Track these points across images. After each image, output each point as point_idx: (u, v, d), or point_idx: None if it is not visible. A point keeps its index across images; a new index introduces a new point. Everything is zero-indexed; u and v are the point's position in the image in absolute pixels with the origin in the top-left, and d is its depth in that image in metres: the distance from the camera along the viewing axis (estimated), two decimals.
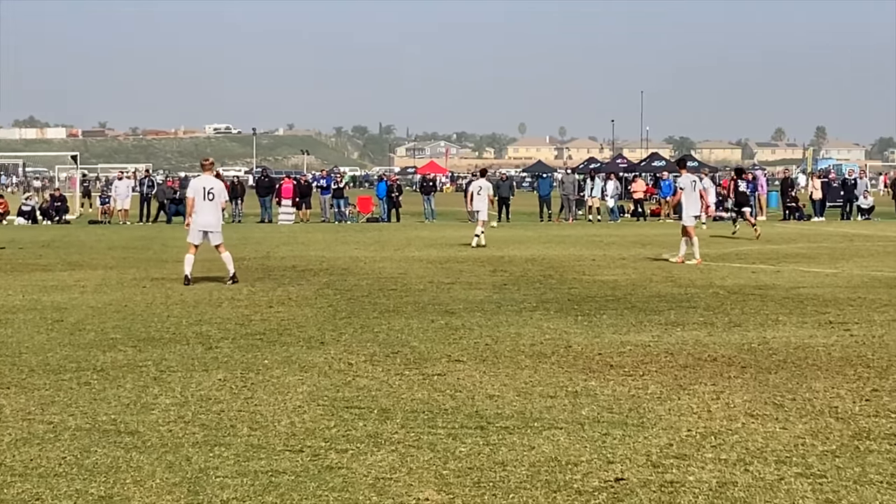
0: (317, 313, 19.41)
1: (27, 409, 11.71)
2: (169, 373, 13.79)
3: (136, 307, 20.33)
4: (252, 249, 36.53)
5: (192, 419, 11.18)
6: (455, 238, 42.17)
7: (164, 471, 9.26)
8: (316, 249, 36.42)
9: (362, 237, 44.21)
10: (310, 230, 51.31)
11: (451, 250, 35.42)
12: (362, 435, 10.49)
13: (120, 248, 37.24)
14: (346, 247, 37.68)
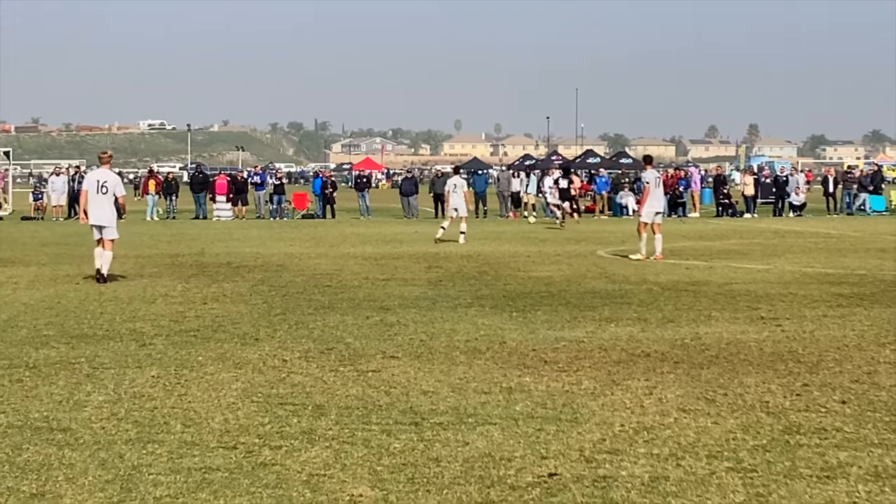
0: (251, 310, 19.38)
1: None
2: (102, 370, 13.73)
3: (69, 304, 20.22)
4: (186, 246, 36.47)
5: (125, 416, 11.14)
6: (390, 234, 42.21)
7: (97, 468, 9.22)
8: (251, 246, 36.33)
9: (297, 234, 44.12)
10: (245, 227, 51.18)
11: (386, 247, 35.40)
12: (296, 431, 10.49)
13: (53, 245, 37.05)
14: (281, 243, 37.62)
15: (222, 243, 37.68)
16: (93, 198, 24.10)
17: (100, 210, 24.20)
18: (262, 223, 55.29)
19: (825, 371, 13.49)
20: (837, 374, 13.29)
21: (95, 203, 24.10)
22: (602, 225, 50.88)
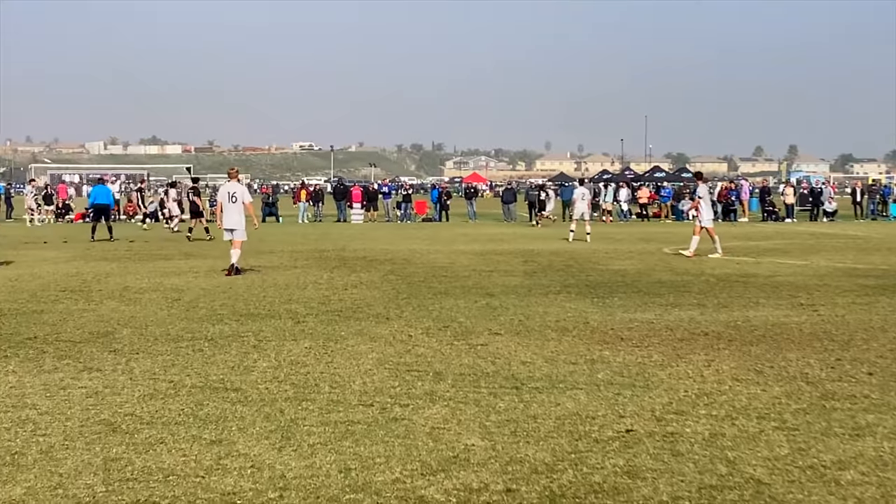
0: (383, 295, 19.44)
1: (153, 370, 11.80)
2: (265, 342, 13.84)
3: (238, 289, 20.41)
4: (330, 243, 36.64)
5: (284, 379, 11.23)
6: (493, 235, 42.14)
7: (263, 420, 9.31)
8: (381, 243, 36.44)
9: (418, 233, 44.20)
10: (376, 228, 51.35)
11: (489, 244, 35.34)
12: (420, 393, 10.51)
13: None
14: (405, 241, 37.68)
15: (358, 241, 37.84)
16: (226, 206, 24.21)
17: (231, 216, 24.22)
18: (390, 225, 55.41)
19: (855, 348, 13.27)
20: (865, 351, 13.07)
21: (228, 211, 24.20)
22: (667, 228, 50.38)
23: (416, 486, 7.32)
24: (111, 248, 34.03)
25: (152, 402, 10.07)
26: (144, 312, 16.88)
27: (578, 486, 7.32)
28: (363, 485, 7.33)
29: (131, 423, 9.20)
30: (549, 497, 7.07)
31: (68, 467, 7.80)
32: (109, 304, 18.01)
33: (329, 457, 8.06)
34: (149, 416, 9.47)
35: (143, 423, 9.23)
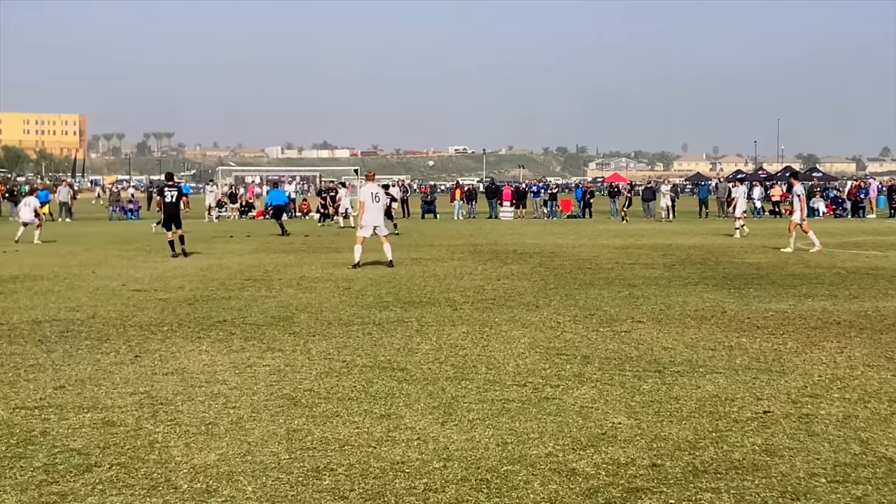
0: (532, 285, 19.41)
1: (327, 351, 11.97)
2: (427, 326, 13.94)
3: (401, 279, 20.59)
4: (483, 238, 36.72)
5: (444, 360, 11.30)
6: (633, 230, 41.73)
7: (427, 397, 9.37)
8: (530, 238, 36.39)
9: (564, 229, 44.02)
10: (525, 224, 51.28)
11: (630, 239, 35.01)
12: (569, 375, 10.47)
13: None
14: (552, 236, 37.56)
15: (509, 236, 37.84)
16: (368, 206, 24.22)
17: (373, 215, 24.07)
18: (537, 221, 55.27)
19: None
20: None
21: (370, 210, 24.19)
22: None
23: (568, 459, 7.30)
24: (288, 242, 34.65)
25: (328, 380, 10.23)
26: (319, 299, 17.15)
27: (719, 462, 7.21)
28: (519, 457, 7.33)
29: (310, 398, 9.35)
30: (692, 472, 6.98)
31: (256, 436, 7.97)
32: (288, 292, 18.34)
33: (487, 431, 8.08)
34: (325, 392, 9.62)
35: (320, 398, 9.39)
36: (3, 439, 7.92)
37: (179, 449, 7.62)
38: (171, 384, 10.07)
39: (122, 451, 7.55)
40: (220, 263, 25.00)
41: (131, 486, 6.72)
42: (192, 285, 19.60)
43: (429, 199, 62.87)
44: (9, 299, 17.35)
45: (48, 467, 7.15)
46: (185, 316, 15.14)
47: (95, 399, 9.39)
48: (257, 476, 6.91)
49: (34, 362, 11.33)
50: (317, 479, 6.84)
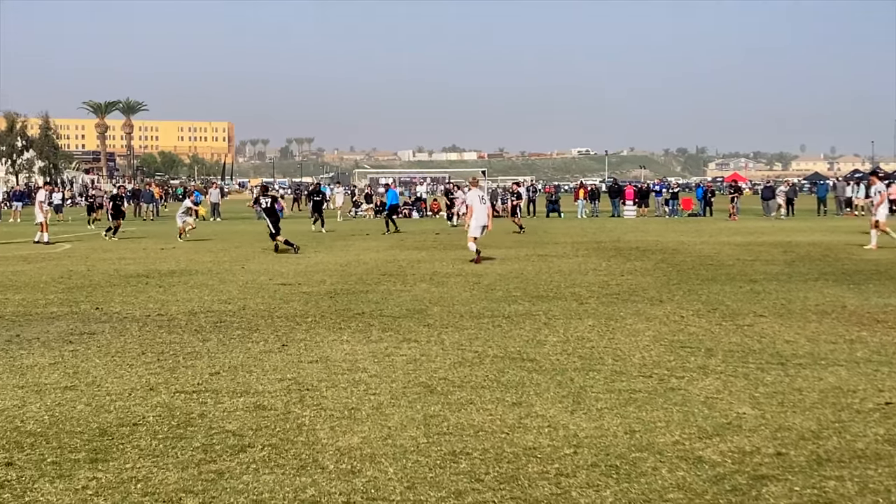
0: (655, 280, 19.19)
1: (460, 342, 12.01)
2: (554, 320, 13.88)
3: (528, 274, 20.56)
4: (606, 235, 36.45)
5: (572, 352, 11.24)
6: (753, 228, 40.92)
7: (556, 387, 9.34)
8: (652, 235, 35.98)
9: (685, 227, 43.39)
10: (646, 222, 50.69)
11: (751, 236, 34.34)
12: (694, 366, 10.33)
13: (515, 236, 37.66)
14: (673, 234, 37.07)
15: (631, 234, 37.46)
16: (477, 208, 24.48)
17: (482, 216, 24.38)
18: (659, 220, 54.56)
19: None
20: None
21: (479, 211, 24.43)
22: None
23: (695, 447, 7.20)
24: (420, 239, 34.85)
25: (461, 369, 10.26)
26: (451, 293, 17.21)
27: (843, 451, 7.03)
28: (647, 445, 7.26)
29: (445, 386, 9.40)
30: (816, 461, 6.82)
31: (395, 421, 8.04)
32: (421, 286, 18.45)
33: (615, 420, 8.02)
34: (459, 381, 9.65)
35: (454, 386, 9.42)
36: (165, 421, 8.13)
37: (325, 432, 7.72)
38: (316, 371, 10.21)
39: (273, 433, 7.69)
40: (358, 259, 25.28)
41: (282, 465, 6.84)
42: (333, 280, 19.85)
43: (553, 199, 62.67)
44: (167, 292, 17.81)
45: (206, 447, 7.32)
46: (327, 308, 15.34)
47: (247, 384, 9.58)
48: (398, 458, 6.96)
49: (191, 350, 11.61)
50: (454, 462, 6.87)
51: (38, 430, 7.84)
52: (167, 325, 13.75)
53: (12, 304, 16.35)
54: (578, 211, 60.39)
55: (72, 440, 7.53)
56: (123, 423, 8.04)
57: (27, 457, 7.09)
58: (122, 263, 24.50)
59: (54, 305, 16.04)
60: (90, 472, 6.69)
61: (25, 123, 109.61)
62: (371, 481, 6.45)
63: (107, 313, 15.04)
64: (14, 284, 19.55)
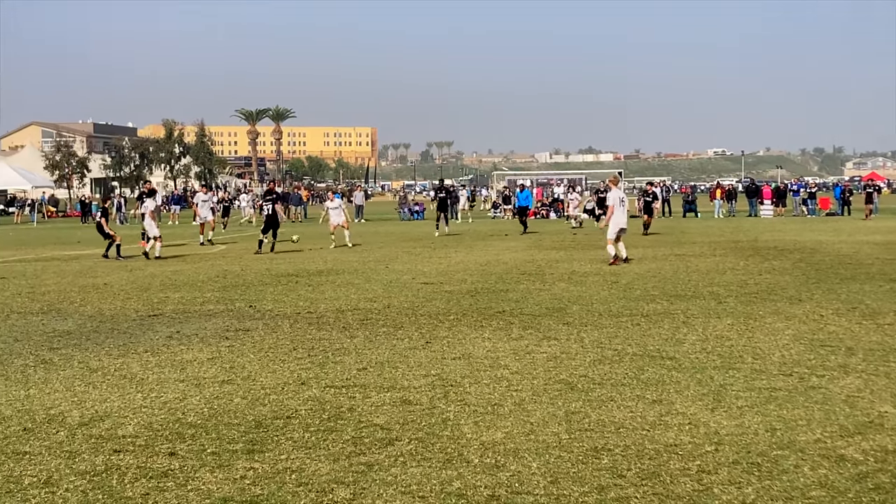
0: (794, 279, 18.74)
1: (599, 340, 11.94)
2: (692, 318, 13.68)
3: (665, 274, 20.30)
4: (743, 234, 35.73)
5: (711, 350, 11.06)
6: (892, 227, 39.55)
7: (695, 385, 9.21)
8: (789, 235, 35.10)
9: (823, 226, 42.21)
10: (783, 222, 49.46)
11: (890, 235, 33.18)
12: (834, 365, 10.06)
13: (653, 236, 37.19)
14: (812, 233, 36.10)
15: (769, 233, 36.62)
16: (617, 208, 23.65)
17: (621, 217, 23.37)
18: (797, 219, 53.18)
19: None
20: None
21: (618, 213, 23.46)
22: None
23: (836, 445, 7.02)
24: (559, 239, 34.70)
25: (601, 367, 10.20)
26: (589, 292, 17.11)
27: None
28: (788, 443, 7.10)
29: (585, 383, 9.35)
30: None
31: (537, 417, 8.04)
32: (560, 285, 18.39)
33: (756, 418, 7.87)
34: (599, 378, 9.60)
35: (594, 383, 9.37)
36: (316, 414, 8.29)
37: (469, 427, 7.77)
38: (459, 368, 10.28)
39: (419, 428, 7.77)
40: (498, 259, 25.32)
41: (428, 458, 6.90)
42: (474, 279, 19.92)
43: (690, 199, 61.73)
44: (316, 291, 18.14)
45: (356, 440, 7.44)
46: (469, 306, 15.41)
47: (394, 380, 9.70)
48: (541, 454, 6.96)
49: (340, 346, 11.80)
50: (595, 458, 6.84)
51: (198, 422, 8.08)
52: (316, 322, 14.01)
53: (172, 301, 16.88)
54: (715, 210, 59.32)
55: (230, 432, 7.74)
56: (277, 416, 8.22)
57: (188, 447, 7.31)
58: (273, 263, 25.04)
59: (211, 303, 16.50)
60: (247, 463, 6.87)
61: (182, 131, 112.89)
62: (515, 475, 6.46)
63: (260, 311, 15.40)
64: (174, 283, 20.17)
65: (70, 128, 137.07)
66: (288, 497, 6.11)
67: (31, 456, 7.15)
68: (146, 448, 7.29)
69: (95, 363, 10.97)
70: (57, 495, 6.23)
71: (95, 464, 6.90)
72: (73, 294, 18.51)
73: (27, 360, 11.24)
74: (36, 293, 18.85)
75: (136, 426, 7.97)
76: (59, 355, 11.57)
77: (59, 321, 14.73)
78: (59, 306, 16.57)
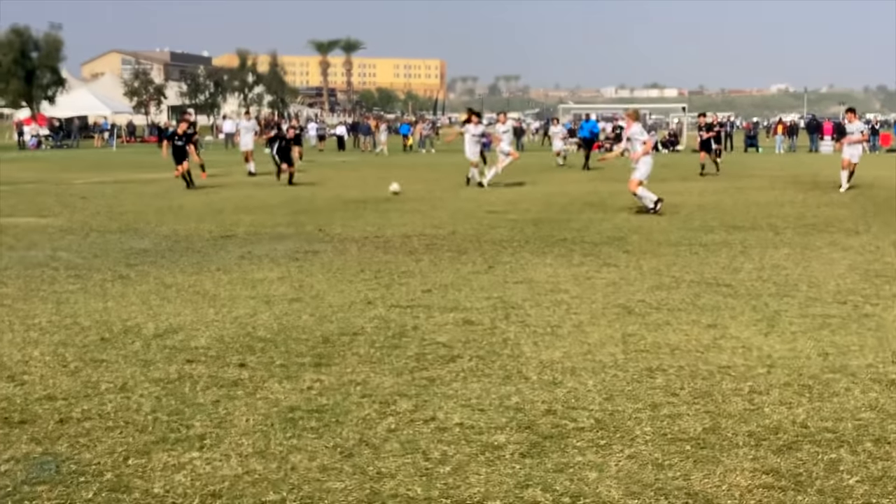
0: (851, 213, 18.44)
1: (657, 267, 11.87)
2: (750, 248, 13.54)
3: (725, 206, 20.08)
4: (804, 170, 35.21)
5: (767, 278, 10.96)
6: None
7: (750, 311, 9.13)
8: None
9: (883, 162, 41.23)
10: None
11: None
12: (888, 295, 9.92)
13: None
14: (872, 168, 35.04)
15: (830, 168, 35.78)
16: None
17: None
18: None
19: None
20: None
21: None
22: None
23: (888, 370, 6.94)
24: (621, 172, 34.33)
25: (658, 293, 10.15)
26: (649, 223, 16.99)
27: None
28: (840, 367, 7.04)
29: (642, 308, 9.32)
30: None
31: (595, 339, 8.04)
32: (621, 216, 18.28)
33: (809, 343, 7.80)
34: (656, 303, 9.56)
35: (651, 308, 9.34)
36: (381, 332, 8.36)
37: (528, 346, 7.79)
38: (520, 291, 10.29)
39: (480, 346, 7.81)
40: (562, 191, 25.18)
41: (489, 375, 6.95)
42: (537, 208, 19.86)
43: (752, 134, 60.72)
44: (383, 217, 18.21)
45: (419, 356, 7.50)
46: (531, 234, 15.39)
47: (456, 301, 9.74)
48: (597, 372, 6.97)
49: (405, 269, 11.86)
50: (650, 377, 6.83)
51: (267, 337, 8.20)
52: (383, 246, 14.08)
53: (244, 224, 17.05)
54: (776, 146, 58.40)
55: (298, 346, 7.84)
56: (344, 333, 8.31)
57: (258, 359, 7.42)
58: (342, 190, 25.16)
59: (281, 227, 16.64)
60: (314, 375, 6.97)
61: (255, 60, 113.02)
62: (571, 392, 6.49)
63: (328, 234, 15.51)
64: (246, 207, 20.38)
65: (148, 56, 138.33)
66: (352, 407, 6.19)
67: (108, 363, 7.31)
68: (217, 359, 7.42)
69: (170, 279, 11.16)
70: (132, 400, 6.37)
71: (169, 372, 7.05)
72: (150, 215, 18.80)
73: (105, 275, 11.46)
74: (114, 213, 19.17)
75: (208, 339, 8.10)
76: (135, 271, 11.78)
77: (136, 240, 14.97)
78: (135, 226, 16.84)
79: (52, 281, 11.08)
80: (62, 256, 13.13)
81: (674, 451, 5.30)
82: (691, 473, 4.99)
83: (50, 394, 6.51)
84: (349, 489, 4.82)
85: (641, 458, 5.21)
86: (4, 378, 6.89)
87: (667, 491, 4.76)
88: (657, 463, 5.14)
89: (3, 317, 9.05)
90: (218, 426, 5.82)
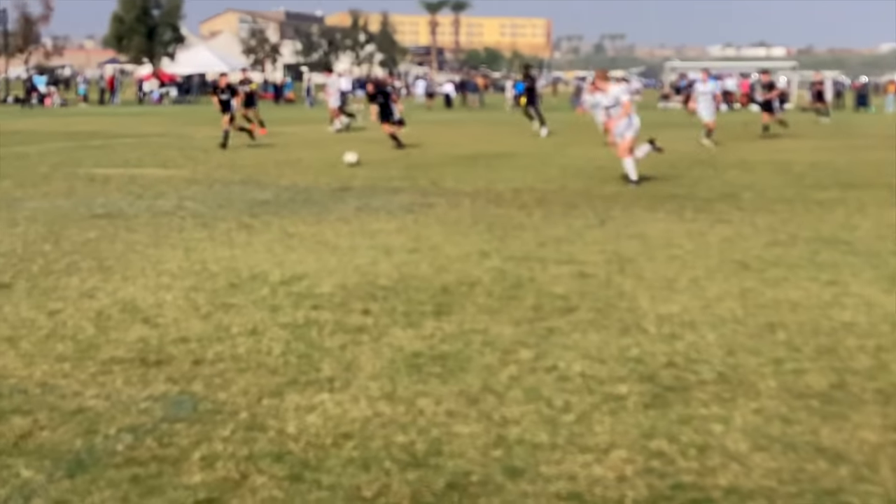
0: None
1: (772, 224, 11.59)
2: (866, 207, 13.13)
3: (839, 165, 19.51)
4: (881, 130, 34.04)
5: (885, 237, 10.61)
6: None
7: (870, 269, 8.86)
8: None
9: None
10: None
11: None
12: None
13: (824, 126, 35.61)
14: None
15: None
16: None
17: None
18: None
19: None
20: None
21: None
22: None
23: None
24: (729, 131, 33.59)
25: (774, 249, 9.91)
26: (761, 180, 16.60)
27: None
28: None
29: (759, 264, 9.11)
30: None
31: (712, 293, 7.88)
32: (732, 173, 17.90)
33: None
34: (773, 259, 9.33)
35: (768, 263, 9.12)
36: (498, 283, 8.33)
37: (645, 300, 7.67)
38: (634, 246, 10.14)
39: (597, 298, 7.72)
40: (672, 148, 24.66)
41: (607, 327, 6.86)
42: (646, 164, 19.50)
43: (862, 94, 58.78)
44: (494, 172, 18.12)
45: (536, 307, 7.45)
46: (642, 190, 15.16)
47: (570, 255, 9.65)
48: (716, 326, 6.83)
49: (518, 223, 11.79)
50: (771, 333, 6.67)
51: (388, 285, 8.23)
52: (495, 200, 14.02)
53: (360, 177, 17.14)
54: (888, 105, 56.44)
55: (418, 295, 7.85)
56: (462, 283, 8.30)
57: (381, 307, 7.46)
58: (452, 147, 25.11)
59: (396, 181, 16.69)
60: (435, 322, 6.97)
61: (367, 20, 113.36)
62: (692, 345, 6.37)
63: (442, 188, 15.50)
64: (361, 161, 20.47)
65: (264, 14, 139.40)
66: (475, 355, 6.18)
67: (238, 308, 7.42)
68: (341, 306, 7.48)
69: (292, 229, 11.28)
70: (262, 343, 6.46)
71: (296, 317, 7.12)
72: (269, 167, 19.04)
73: (230, 225, 11.63)
74: (236, 165, 19.46)
75: (332, 286, 8.17)
76: (259, 221, 11.94)
77: (258, 191, 15.17)
78: (256, 178, 17.06)
79: (181, 229, 11.30)
80: (188, 206, 13.38)
81: (800, 407, 5.17)
82: (819, 429, 4.85)
83: (184, 336, 6.63)
84: (476, 434, 4.81)
85: (767, 413, 5.09)
86: (139, 320, 7.05)
87: (795, 445, 4.64)
88: (784, 417, 5.02)
89: (136, 262, 9.26)
90: (346, 370, 5.87)
